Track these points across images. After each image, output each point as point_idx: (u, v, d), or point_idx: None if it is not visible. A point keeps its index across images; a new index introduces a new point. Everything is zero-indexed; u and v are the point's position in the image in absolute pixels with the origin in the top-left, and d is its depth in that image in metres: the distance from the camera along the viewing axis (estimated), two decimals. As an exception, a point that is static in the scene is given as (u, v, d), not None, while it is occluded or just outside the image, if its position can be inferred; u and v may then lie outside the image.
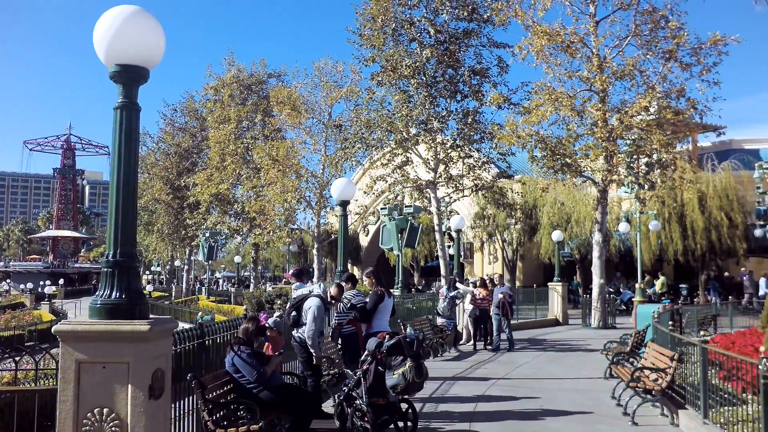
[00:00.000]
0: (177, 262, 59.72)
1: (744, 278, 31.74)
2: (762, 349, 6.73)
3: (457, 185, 25.97)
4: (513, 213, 33.09)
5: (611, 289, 31.07)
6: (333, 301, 9.70)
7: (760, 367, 6.23)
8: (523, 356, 16.31)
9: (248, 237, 41.11)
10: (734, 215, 31.69)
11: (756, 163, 30.58)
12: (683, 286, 36.18)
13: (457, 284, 18.37)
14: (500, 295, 17.87)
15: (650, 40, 22.66)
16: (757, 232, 29.41)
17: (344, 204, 13.25)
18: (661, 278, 32.55)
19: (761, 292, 28.49)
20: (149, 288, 56.05)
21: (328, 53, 47.63)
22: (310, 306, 9.02)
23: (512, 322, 23.11)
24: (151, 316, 5.27)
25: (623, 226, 28.37)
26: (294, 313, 9.23)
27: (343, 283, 10.34)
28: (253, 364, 7.42)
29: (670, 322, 12.56)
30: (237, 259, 54.06)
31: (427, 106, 25.21)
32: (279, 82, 36.92)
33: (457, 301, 17.86)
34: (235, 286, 49.54)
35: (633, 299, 26.51)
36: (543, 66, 23.12)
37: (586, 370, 13.86)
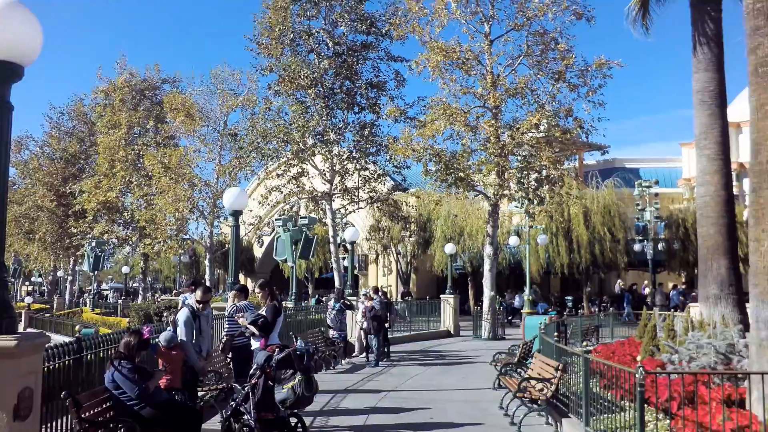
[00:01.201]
0: (60, 273, 56.86)
1: (644, 290, 33.27)
2: (639, 358, 7.00)
3: (353, 197, 26.06)
4: (407, 226, 33.53)
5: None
6: (200, 305, 9.06)
7: (636, 375, 6.48)
8: (415, 368, 16.43)
9: (137, 247, 39.67)
10: (616, 230, 33.23)
11: (636, 181, 32.28)
12: (569, 298, 37.60)
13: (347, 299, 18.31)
14: (362, 308, 17.74)
15: (541, 60, 23.53)
16: (637, 247, 30.99)
17: (236, 214, 12.96)
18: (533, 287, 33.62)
19: (672, 304, 29.56)
20: (28, 300, 52.96)
21: (227, 60, 46.49)
22: (178, 318, 8.73)
23: (405, 334, 23.48)
24: (29, 330, 4.93)
25: (513, 240, 29.25)
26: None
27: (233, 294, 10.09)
28: (134, 380, 7.06)
29: (556, 334, 12.95)
30: (125, 269, 52.05)
31: (324, 118, 25.19)
32: (173, 88, 35.95)
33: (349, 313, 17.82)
34: (123, 297, 47.64)
35: (548, 310, 27.12)
36: (439, 81, 23.57)
37: (476, 381, 14.08)
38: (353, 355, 17.84)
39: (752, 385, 7.86)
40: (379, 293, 18.68)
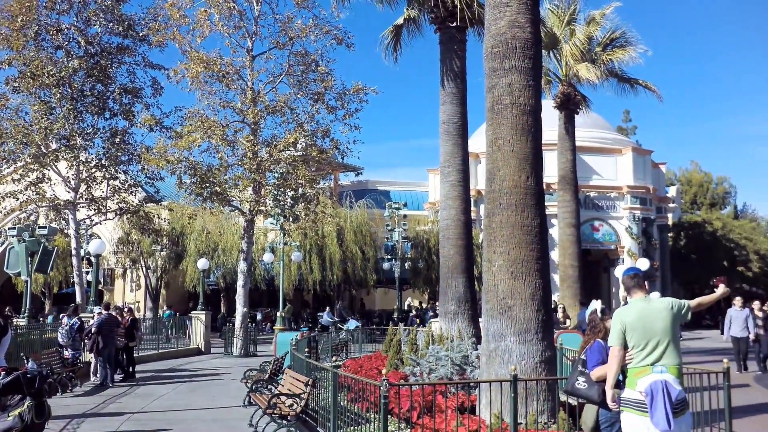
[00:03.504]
0: None
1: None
2: (384, 371, 7.34)
3: (100, 207, 24.46)
4: (159, 239, 32.19)
5: (336, 319, 31.68)
6: None
7: (381, 388, 6.79)
8: (163, 387, 15.76)
9: None
10: (367, 249, 34.68)
11: (387, 203, 33.98)
12: (321, 314, 38.43)
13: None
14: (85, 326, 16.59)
15: (302, 80, 23.98)
16: (386, 265, 32.56)
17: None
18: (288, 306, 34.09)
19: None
20: None
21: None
22: None
23: (153, 352, 22.48)
24: None
25: (268, 256, 29.30)
26: None
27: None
28: None
29: (306, 349, 13.17)
30: None
31: (71, 121, 23.37)
32: None
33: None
34: None
35: (358, 327, 27.10)
36: (198, 93, 23.11)
37: (226, 399, 13.85)
38: (95, 376, 16.65)
39: (481, 393, 8.62)
40: (111, 308, 17.62)
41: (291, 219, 25.03)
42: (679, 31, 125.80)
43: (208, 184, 22.90)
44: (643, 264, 31.03)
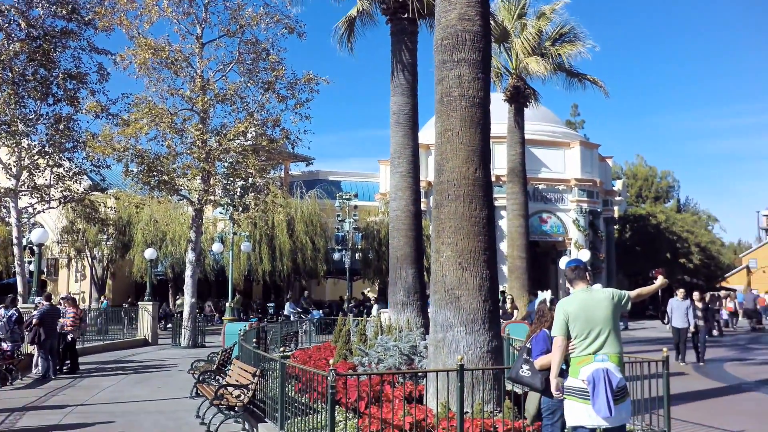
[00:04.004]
0: None
1: None
2: (332, 361, 7.36)
3: (43, 196, 23.84)
4: (105, 228, 31.54)
5: (298, 309, 31.42)
6: None
7: (328, 378, 6.80)
8: (108, 380, 15.51)
9: None
10: (317, 239, 34.56)
11: (338, 193, 33.92)
12: (271, 304, 38.25)
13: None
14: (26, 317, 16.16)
15: (252, 69, 23.72)
16: (336, 256, 32.51)
17: None
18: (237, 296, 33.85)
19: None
20: None
21: None
22: None
23: (98, 343, 22.12)
24: None
25: (217, 246, 28.99)
26: None
27: None
28: None
29: (254, 340, 13.10)
30: None
31: (12, 106, 22.69)
32: None
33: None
34: None
35: (322, 318, 26.85)
36: (145, 80, 22.68)
37: (173, 391, 13.70)
38: (36, 368, 16.26)
39: (428, 383, 8.71)
40: (51, 299, 17.22)
41: (241, 209, 24.80)
42: (627, 29, 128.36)
43: (155, 173, 22.54)
44: (585, 255, 31.67)
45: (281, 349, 10.84)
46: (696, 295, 19.33)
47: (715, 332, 27.05)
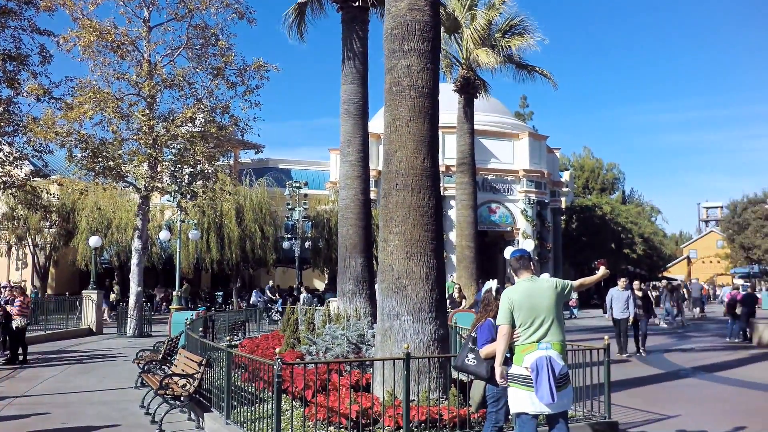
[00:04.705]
0: None
1: None
2: (278, 350, 7.34)
3: (-19, 181, 23.14)
4: (48, 215, 30.81)
5: (264, 298, 30.96)
6: None
7: (275, 367, 6.79)
8: (50, 370, 15.18)
9: None
10: (266, 228, 34.30)
11: (288, 181, 33.75)
12: (219, 293, 37.92)
13: None
14: None
15: (201, 54, 23.38)
16: (285, 245, 32.40)
17: None
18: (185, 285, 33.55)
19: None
20: None
21: None
22: None
23: (40, 333, 21.62)
24: None
25: (164, 234, 28.54)
26: None
27: None
28: None
29: (201, 329, 12.98)
30: None
31: (-53, 88, 21.94)
32: None
33: None
34: None
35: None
36: (90, 63, 22.16)
37: (118, 381, 13.49)
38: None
39: (375, 371, 8.76)
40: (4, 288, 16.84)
41: (189, 196, 24.45)
42: (578, 23, 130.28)
43: (100, 159, 22.09)
44: (529, 245, 32.06)
45: (228, 338, 10.77)
46: (636, 284, 18.97)
47: (688, 314, 28.74)
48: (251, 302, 31.16)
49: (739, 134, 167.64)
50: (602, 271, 6.80)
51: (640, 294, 18.47)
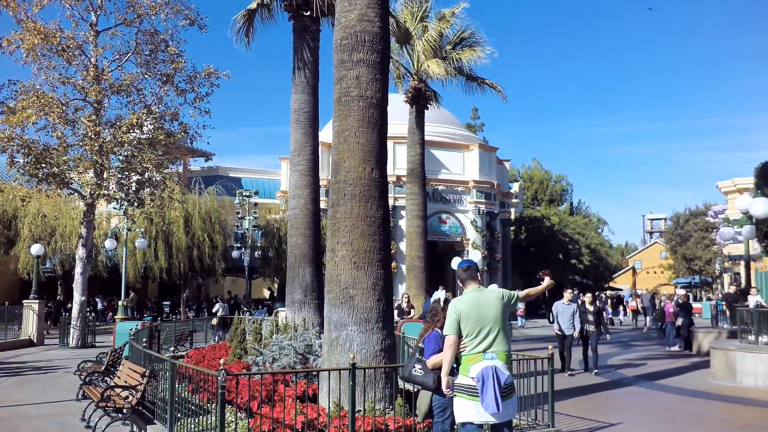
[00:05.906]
0: None
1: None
2: (222, 361, 7.25)
3: None
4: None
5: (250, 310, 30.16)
6: None
7: (219, 378, 6.70)
8: (-14, 382, 14.72)
9: None
10: (216, 237, 33.91)
11: (238, 190, 33.43)
12: (166, 303, 37.28)
13: None
14: None
15: (150, 60, 23.05)
16: (235, 254, 32.07)
17: None
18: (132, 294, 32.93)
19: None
20: None
21: None
22: None
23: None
24: None
25: (110, 243, 27.97)
26: None
27: None
28: None
29: (145, 339, 12.75)
30: None
31: None
32: None
33: None
34: None
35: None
36: (34, 66, 21.64)
37: (58, 393, 13.14)
38: None
39: (322, 382, 8.72)
40: None
41: (136, 204, 24.02)
42: (524, 37, 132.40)
43: (44, 165, 21.55)
44: (476, 256, 32.40)
45: (172, 349, 10.60)
46: (587, 297, 17.10)
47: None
48: (218, 314, 30.43)
49: (679, 147, 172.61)
50: (547, 281, 6.90)
51: (591, 309, 16.44)
